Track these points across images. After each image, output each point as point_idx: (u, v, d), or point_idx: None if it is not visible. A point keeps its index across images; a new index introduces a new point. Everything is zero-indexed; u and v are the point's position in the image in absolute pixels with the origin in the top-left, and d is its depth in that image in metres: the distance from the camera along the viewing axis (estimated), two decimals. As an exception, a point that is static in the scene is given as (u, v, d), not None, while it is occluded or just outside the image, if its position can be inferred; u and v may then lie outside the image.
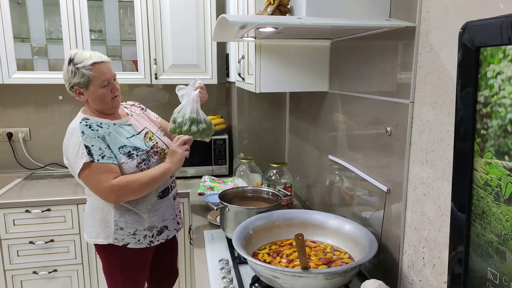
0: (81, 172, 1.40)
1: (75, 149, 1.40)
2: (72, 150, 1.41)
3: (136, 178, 1.45)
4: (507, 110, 0.52)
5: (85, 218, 1.60)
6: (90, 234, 1.56)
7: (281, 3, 1.09)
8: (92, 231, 1.55)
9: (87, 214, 1.58)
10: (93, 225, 1.54)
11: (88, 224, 1.57)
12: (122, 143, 1.49)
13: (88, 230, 1.57)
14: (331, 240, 1.25)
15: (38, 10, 2.18)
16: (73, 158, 1.41)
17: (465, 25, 0.58)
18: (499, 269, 0.55)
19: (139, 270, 1.63)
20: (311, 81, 1.49)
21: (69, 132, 1.45)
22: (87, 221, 1.58)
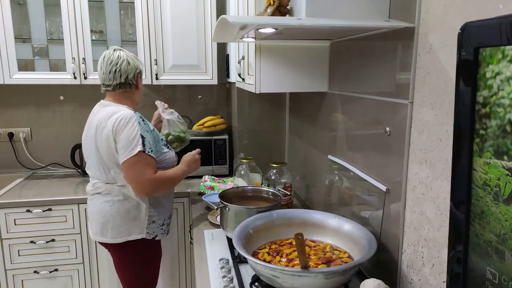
0: (130, 158, 1.46)
1: (130, 136, 1.47)
2: (127, 136, 1.47)
3: (170, 176, 1.60)
4: (506, 110, 0.52)
5: (114, 219, 1.57)
6: (122, 233, 1.58)
7: (281, 4, 1.09)
8: (124, 230, 1.58)
9: (118, 215, 1.57)
10: (124, 224, 1.58)
11: (117, 224, 1.57)
12: (161, 136, 1.67)
13: (119, 230, 1.58)
14: (331, 239, 1.26)
15: (39, 11, 2.18)
16: (127, 143, 1.47)
17: (464, 26, 0.58)
18: (498, 268, 0.56)
19: (159, 261, 1.77)
20: (311, 81, 1.50)
21: (123, 118, 1.49)
22: (116, 222, 1.57)
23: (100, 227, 1.59)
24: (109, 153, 1.51)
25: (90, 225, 1.66)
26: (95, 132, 1.53)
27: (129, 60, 1.59)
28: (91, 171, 1.62)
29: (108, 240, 1.59)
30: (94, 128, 1.54)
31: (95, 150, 1.54)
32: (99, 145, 1.52)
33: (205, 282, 1.20)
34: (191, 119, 2.68)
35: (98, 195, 1.60)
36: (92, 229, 1.64)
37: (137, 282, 1.68)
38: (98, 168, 1.56)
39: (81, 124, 2.52)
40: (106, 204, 1.57)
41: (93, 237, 1.64)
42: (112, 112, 1.52)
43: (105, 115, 1.52)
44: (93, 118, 1.58)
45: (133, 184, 1.52)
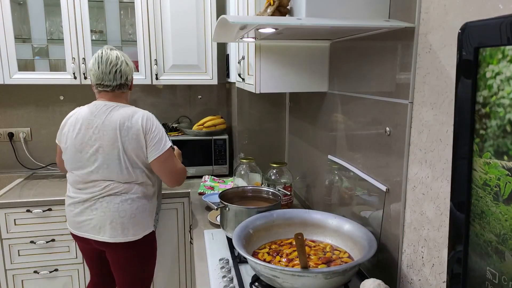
0: (164, 154, 1.56)
1: (159, 133, 1.56)
2: (157, 133, 1.55)
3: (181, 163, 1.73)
4: (506, 110, 0.52)
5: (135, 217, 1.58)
6: (141, 229, 1.61)
7: (281, 4, 1.09)
8: (144, 225, 1.62)
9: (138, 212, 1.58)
10: (143, 220, 1.61)
11: (137, 221, 1.59)
12: None
13: (140, 227, 1.60)
14: (331, 239, 1.26)
15: (39, 11, 2.18)
16: (158, 140, 1.55)
17: (464, 26, 0.58)
18: (498, 268, 0.56)
19: None
20: (311, 81, 1.50)
21: (148, 117, 1.56)
22: (137, 219, 1.58)
23: (120, 227, 1.55)
24: (138, 152, 1.54)
25: (99, 230, 1.57)
26: (118, 133, 1.51)
27: (127, 61, 1.61)
28: (101, 174, 1.55)
29: (129, 238, 1.58)
30: (114, 129, 1.51)
31: (118, 152, 1.52)
32: (126, 146, 1.52)
33: (205, 282, 1.20)
34: (191, 119, 2.69)
35: (110, 196, 1.56)
36: (108, 232, 1.56)
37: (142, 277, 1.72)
38: (119, 169, 1.54)
39: (81, 124, 2.53)
40: (125, 203, 1.56)
41: (112, 240, 1.56)
42: (131, 111, 1.56)
43: (126, 116, 1.53)
44: (105, 119, 1.53)
45: (169, 176, 1.61)
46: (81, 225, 1.60)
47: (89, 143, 1.54)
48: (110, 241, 1.57)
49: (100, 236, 1.58)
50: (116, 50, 1.61)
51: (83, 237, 1.62)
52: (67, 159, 1.60)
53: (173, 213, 2.18)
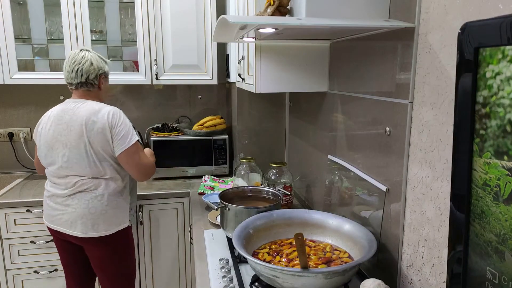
0: (130, 147, 1.60)
1: (126, 127, 1.61)
2: (123, 127, 1.60)
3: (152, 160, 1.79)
4: (506, 110, 0.52)
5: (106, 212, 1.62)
6: (113, 224, 1.65)
7: (281, 4, 1.09)
8: (115, 220, 1.66)
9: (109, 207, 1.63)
10: (115, 215, 1.65)
11: (109, 216, 1.63)
12: None
13: (111, 222, 1.64)
14: (331, 239, 1.26)
15: (39, 11, 2.18)
16: (125, 134, 1.60)
17: (464, 26, 0.58)
18: (498, 268, 0.56)
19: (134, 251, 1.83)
20: (311, 81, 1.50)
21: (115, 112, 1.61)
22: (108, 214, 1.63)
23: (91, 223, 1.61)
24: (104, 145, 1.58)
25: (71, 225, 1.62)
26: (83, 128, 1.56)
27: (93, 61, 1.65)
28: (71, 169, 1.59)
29: (101, 233, 1.62)
30: (80, 124, 1.57)
31: (84, 146, 1.57)
32: (91, 140, 1.56)
33: (205, 282, 1.20)
34: (191, 119, 2.69)
35: (82, 193, 1.61)
36: (78, 228, 1.61)
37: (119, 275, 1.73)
38: (86, 163, 1.58)
39: (81, 124, 2.52)
40: (95, 199, 1.61)
41: (83, 235, 1.61)
42: (97, 107, 1.60)
43: (92, 111, 1.59)
44: (73, 116, 1.59)
45: (136, 169, 1.64)
46: (54, 219, 1.65)
47: (59, 139, 1.60)
48: (81, 236, 1.62)
49: (71, 231, 1.63)
50: (87, 51, 1.67)
51: (57, 230, 1.66)
52: (41, 156, 1.65)
53: (173, 213, 2.18)
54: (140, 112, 2.63)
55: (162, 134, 2.37)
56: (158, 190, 2.18)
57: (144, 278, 2.21)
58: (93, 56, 1.66)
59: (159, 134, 2.36)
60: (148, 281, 2.22)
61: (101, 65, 1.68)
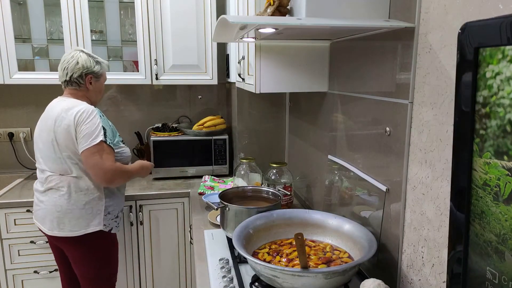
0: (92, 146, 1.56)
1: (92, 126, 1.57)
2: (88, 126, 1.57)
3: (128, 169, 1.71)
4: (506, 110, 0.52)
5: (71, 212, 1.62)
6: (79, 225, 1.63)
7: (281, 4, 1.09)
8: (82, 222, 1.63)
9: (75, 207, 1.62)
10: (81, 216, 1.63)
11: (75, 217, 1.62)
12: (118, 133, 1.74)
13: (77, 223, 1.63)
14: (331, 239, 1.26)
15: (39, 11, 2.18)
16: (89, 133, 1.56)
17: (464, 26, 0.58)
18: (498, 268, 0.56)
19: (117, 256, 1.81)
20: (311, 81, 1.50)
21: (85, 110, 1.59)
22: (74, 214, 1.62)
23: (56, 222, 1.62)
24: (68, 143, 1.59)
25: (43, 221, 1.66)
26: (53, 123, 1.59)
27: (79, 60, 1.66)
28: (44, 164, 1.65)
29: (65, 233, 1.62)
30: (52, 119, 1.60)
31: (51, 141, 1.60)
32: (58, 135, 1.59)
33: (205, 282, 1.20)
34: (191, 119, 2.69)
35: (51, 190, 1.63)
36: (47, 225, 1.64)
37: (97, 277, 1.72)
38: (53, 158, 1.61)
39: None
40: (62, 198, 1.61)
41: (49, 232, 1.63)
42: (72, 105, 1.61)
43: (65, 107, 1.61)
44: (51, 111, 1.63)
45: (93, 170, 1.58)
46: (35, 214, 1.71)
47: (39, 133, 1.67)
48: (48, 234, 1.65)
49: (43, 227, 1.67)
50: (78, 51, 1.69)
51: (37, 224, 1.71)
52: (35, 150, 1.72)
53: (173, 213, 2.18)
54: (140, 112, 2.63)
55: (162, 134, 2.37)
56: (158, 190, 2.18)
57: (144, 278, 2.21)
58: (82, 56, 1.67)
59: (159, 134, 2.36)
60: (148, 281, 2.22)
61: (88, 65, 1.67)
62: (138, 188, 2.20)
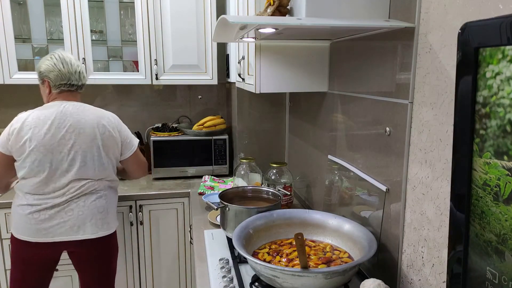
0: (137, 148, 1.76)
1: (127, 130, 1.73)
2: (127, 131, 1.73)
3: None
4: (506, 110, 0.52)
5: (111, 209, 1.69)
6: (115, 222, 1.73)
7: (281, 4, 1.09)
8: (115, 218, 1.74)
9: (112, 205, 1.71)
10: (115, 213, 1.74)
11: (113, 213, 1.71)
12: None
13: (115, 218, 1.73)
14: (331, 239, 1.26)
15: (39, 11, 2.18)
16: (130, 137, 1.73)
17: (464, 26, 0.58)
18: (498, 268, 0.56)
19: None
20: (311, 81, 1.50)
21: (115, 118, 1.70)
22: (112, 211, 1.71)
23: (101, 223, 1.65)
24: (115, 149, 1.67)
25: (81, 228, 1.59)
26: (96, 130, 1.61)
27: (81, 69, 1.68)
28: (81, 172, 1.57)
29: (112, 230, 1.70)
30: (90, 127, 1.60)
31: (97, 148, 1.61)
32: (105, 143, 1.62)
33: (205, 282, 1.20)
34: (191, 119, 2.69)
35: (86, 195, 1.61)
36: (88, 229, 1.61)
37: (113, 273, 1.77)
38: (97, 166, 1.62)
39: (81, 124, 2.52)
40: (100, 199, 1.65)
41: (95, 236, 1.63)
42: (98, 112, 1.66)
43: (99, 114, 1.65)
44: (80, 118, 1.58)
45: (142, 167, 1.81)
46: (50, 231, 1.56)
47: (63, 142, 1.55)
48: (92, 237, 1.62)
49: (80, 236, 1.60)
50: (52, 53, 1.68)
51: (50, 242, 1.57)
52: (32, 162, 1.52)
53: (173, 213, 2.18)
54: (140, 112, 2.63)
55: (162, 134, 2.37)
56: (158, 190, 2.18)
57: (144, 278, 2.21)
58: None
59: (159, 134, 2.36)
60: (148, 281, 2.22)
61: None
62: (138, 188, 2.20)
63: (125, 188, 2.21)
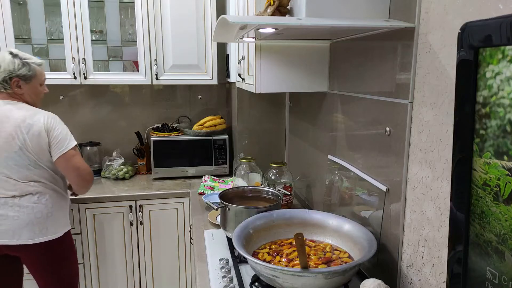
0: (69, 151, 1.58)
1: (63, 131, 1.59)
2: (60, 131, 1.58)
3: None
4: (506, 110, 0.52)
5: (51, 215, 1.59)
6: (60, 227, 1.63)
7: (281, 4, 1.09)
8: (61, 223, 1.64)
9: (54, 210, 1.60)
10: (60, 217, 1.64)
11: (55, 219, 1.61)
12: None
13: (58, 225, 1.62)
14: (331, 239, 1.26)
15: (39, 11, 2.18)
16: (63, 138, 1.57)
17: (464, 26, 0.58)
18: (498, 268, 0.56)
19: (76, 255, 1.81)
20: (311, 81, 1.50)
21: (52, 116, 1.59)
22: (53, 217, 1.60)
23: (38, 228, 1.56)
24: (40, 149, 1.55)
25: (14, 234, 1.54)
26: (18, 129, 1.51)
27: (2, 64, 1.56)
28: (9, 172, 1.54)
29: (50, 237, 1.59)
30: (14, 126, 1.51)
31: (20, 149, 1.52)
32: (28, 142, 1.52)
33: (205, 282, 1.20)
34: (191, 119, 2.69)
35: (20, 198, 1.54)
36: (24, 235, 1.55)
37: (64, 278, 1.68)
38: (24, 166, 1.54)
39: (81, 124, 2.53)
40: (38, 204, 1.57)
41: (31, 242, 1.56)
42: (32, 111, 1.57)
43: (28, 114, 1.55)
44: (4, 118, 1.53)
45: (74, 173, 1.61)
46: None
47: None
48: (28, 243, 1.55)
49: (15, 240, 1.55)
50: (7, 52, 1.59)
51: None
52: None
53: (173, 213, 2.18)
54: (140, 112, 2.63)
55: (162, 134, 2.37)
56: (158, 190, 2.18)
57: (144, 278, 2.21)
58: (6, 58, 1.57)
59: (159, 134, 2.36)
60: (148, 281, 2.22)
61: (11, 68, 1.56)
62: (138, 188, 2.21)
63: (125, 188, 2.21)
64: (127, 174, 2.39)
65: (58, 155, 1.56)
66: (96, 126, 2.57)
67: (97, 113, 2.57)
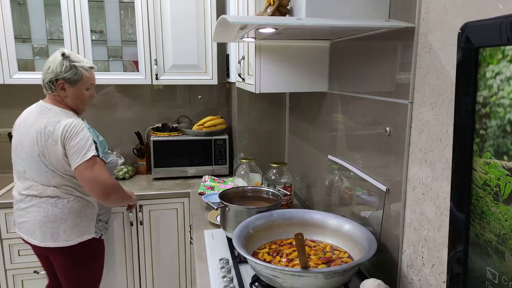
0: (85, 162, 1.50)
1: (82, 141, 1.51)
2: (78, 141, 1.51)
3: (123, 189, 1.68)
4: (506, 110, 0.52)
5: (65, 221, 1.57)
6: (74, 234, 1.59)
7: (281, 4, 1.09)
8: (76, 231, 1.60)
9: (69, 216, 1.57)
10: (76, 225, 1.59)
11: (69, 226, 1.58)
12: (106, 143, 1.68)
13: (72, 232, 1.58)
14: (331, 239, 1.26)
15: (39, 11, 2.18)
16: (79, 148, 1.50)
17: (464, 26, 0.58)
18: (498, 268, 0.56)
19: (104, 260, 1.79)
20: (311, 81, 1.50)
21: (74, 124, 1.53)
22: (68, 224, 1.58)
23: (50, 232, 1.56)
24: (55, 159, 1.53)
25: (32, 233, 1.58)
26: (39, 136, 1.52)
27: (51, 64, 1.57)
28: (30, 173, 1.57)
29: (60, 244, 1.57)
30: (36, 131, 1.53)
31: (38, 155, 1.53)
32: (46, 150, 1.52)
33: (205, 282, 1.20)
34: (191, 119, 2.69)
35: (40, 199, 1.56)
36: (38, 236, 1.57)
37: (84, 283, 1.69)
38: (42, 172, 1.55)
39: (81, 124, 2.52)
40: (55, 207, 1.56)
41: (42, 244, 1.57)
42: (57, 117, 1.54)
43: (51, 121, 1.53)
44: (33, 121, 1.56)
45: (90, 185, 1.52)
46: (19, 226, 1.63)
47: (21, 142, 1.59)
48: (40, 245, 1.58)
49: (32, 239, 1.59)
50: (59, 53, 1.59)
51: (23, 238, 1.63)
52: None
53: (173, 213, 2.18)
54: (140, 112, 2.63)
55: (162, 134, 2.37)
56: (158, 190, 2.18)
57: (144, 278, 2.21)
58: (56, 59, 1.57)
59: (159, 134, 2.36)
60: (148, 281, 2.22)
61: (59, 70, 1.56)
62: (138, 188, 2.21)
63: (125, 188, 2.21)
64: (127, 174, 2.39)
65: (74, 166, 1.51)
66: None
67: (97, 113, 2.57)
